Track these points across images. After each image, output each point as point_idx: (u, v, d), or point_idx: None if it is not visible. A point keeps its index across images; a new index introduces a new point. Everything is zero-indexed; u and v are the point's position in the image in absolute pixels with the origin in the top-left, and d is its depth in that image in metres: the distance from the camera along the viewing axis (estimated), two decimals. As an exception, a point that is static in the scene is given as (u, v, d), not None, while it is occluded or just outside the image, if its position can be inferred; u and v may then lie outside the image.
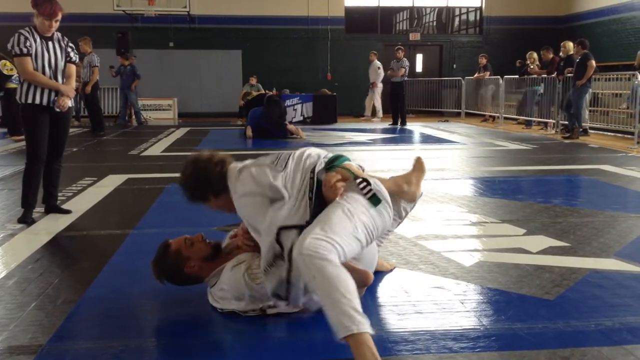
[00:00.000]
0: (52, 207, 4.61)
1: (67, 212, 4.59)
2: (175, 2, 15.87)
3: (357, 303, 2.06)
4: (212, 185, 2.56)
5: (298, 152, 2.59)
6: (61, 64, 4.41)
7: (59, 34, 4.47)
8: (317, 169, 2.48)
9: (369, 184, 2.44)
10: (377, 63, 15.25)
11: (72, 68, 4.52)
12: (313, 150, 2.63)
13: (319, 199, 2.41)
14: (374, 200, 2.41)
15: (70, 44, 4.53)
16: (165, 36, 16.94)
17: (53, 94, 4.36)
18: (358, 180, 2.45)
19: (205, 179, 2.57)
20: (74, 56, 4.53)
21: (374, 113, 15.81)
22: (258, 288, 2.49)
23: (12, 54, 4.33)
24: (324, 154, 2.61)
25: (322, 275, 2.08)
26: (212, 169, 2.57)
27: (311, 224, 2.29)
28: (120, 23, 15.95)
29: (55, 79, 4.38)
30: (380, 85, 15.43)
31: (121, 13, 15.92)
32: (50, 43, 4.37)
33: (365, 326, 2.02)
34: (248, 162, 2.60)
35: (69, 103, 4.46)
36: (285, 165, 2.49)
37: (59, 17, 4.30)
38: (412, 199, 2.90)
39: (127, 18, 16.23)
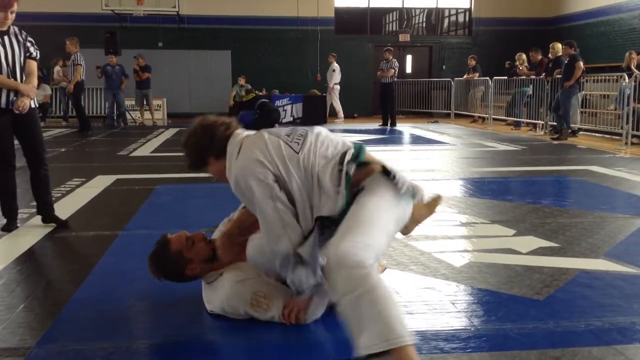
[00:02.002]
0: (50, 217, 4.24)
1: (65, 224, 4.23)
2: (164, 2, 15.79)
3: (401, 314, 1.94)
4: (214, 145, 2.38)
5: (315, 131, 2.42)
6: (20, 60, 4.03)
7: (16, 28, 4.06)
8: (345, 160, 2.24)
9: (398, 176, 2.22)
10: (334, 65, 15.12)
11: (33, 65, 4.12)
12: (329, 134, 2.41)
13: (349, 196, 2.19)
14: (408, 194, 2.23)
15: (30, 39, 4.13)
16: (154, 36, 16.86)
17: (12, 94, 3.97)
18: (391, 175, 2.22)
19: (209, 138, 2.40)
20: (34, 51, 4.13)
21: (335, 114, 15.62)
22: (258, 315, 2.47)
23: None
24: (343, 142, 2.38)
25: (366, 289, 1.91)
26: (216, 128, 2.42)
27: (341, 226, 2.10)
28: (109, 23, 15.86)
29: (14, 76, 3.98)
30: (336, 87, 15.31)
31: (110, 13, 15.82)
32: (6, 37, 3.96)
33: (411, 338, 1.89)
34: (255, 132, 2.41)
35: (30, 104, 4.05)
36: (303, 143, 2.30)
37: (15, 7, 3.90)
38: (405, 234, 2.66)
39: (115, 18, 16.14)
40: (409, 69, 18.69)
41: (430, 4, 18.58)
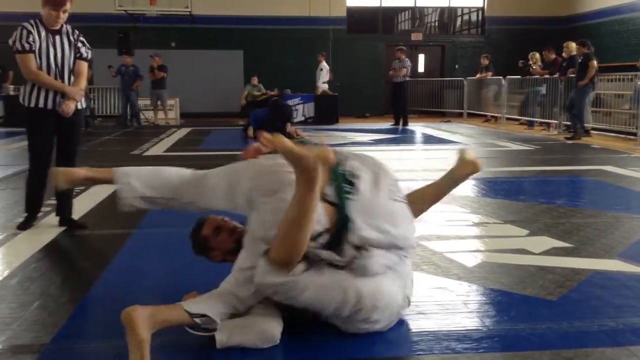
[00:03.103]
0: (67, 220, 4.19)
1: (83, 226, 4.17)
2: (176, 2, 15.86)
3: None
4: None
5: None
6: (69, 61, 3.99)
7: (69, 27, 4.02)
8: None
9: None
10: (322, 64, 15.10)
11: (83, 65, 4.07)
12: None
13: None
14: None
15: (82, 38, 4.07)
16: (166, 36, 16.94)
17: (59, 96, 3.95)
18: None
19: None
20: (85, 52, 4.07)
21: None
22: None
23: (13, 51, 3.87)
24: None
25: None
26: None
27: None
28: (122, 23, 15.95)
29: (62, 77, 3.96)
30: (325, 86, 15.29)
31: (123, 13, 15.92)
32: (57, 37, 3.94)
33: None
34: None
35: (75, 106, 4.01)
36: None
37: (68, 6, 3.86)
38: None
39: (128, 18, 16.23)
40: (421, 68, 18.64)
41: (443, 3, 18.51)
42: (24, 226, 4.12)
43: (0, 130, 12.51)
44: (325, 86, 15.32)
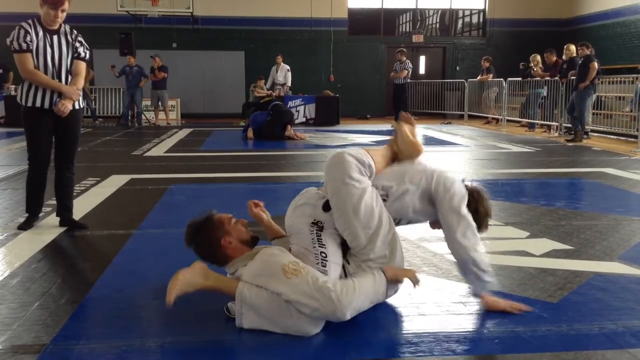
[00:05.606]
0: (67, 221, 4.20)
1: (84, 226, 4.18)
2: (178, 3, 15.90)
3: None
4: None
5: None
6: (67, 60, 3.97)
7: (67, 27, 4.01)
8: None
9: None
10: (283, 66, 15.04)
11: (81, 65, 4.05)
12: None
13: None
14: None
15: (80, 38, 4.06)
16: (168, 37, 16.97)
17: (55, 95, 3.94)
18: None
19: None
20: (82, 52, 4.05)
21: None
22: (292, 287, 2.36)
23: (11, 50, 3.86)
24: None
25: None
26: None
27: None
28: (124, 24, 15.99)
29: (59, 77, 3.95)
30: (285, 88, 15.25)
31: (125, 14, 15.95)
32: (55, 37, 3.92)
33: None
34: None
35: (71, 106, 3.99)
36: None
37: (66, 6, 3.85)
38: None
39: (130, 19, 16.27)
40: (422, 70, 18.65)
41: (444, 4, 18.53)
42: (24, 226, 4.13)
43: (1, 130, 12.54)
44: (286, 87, 15.27)
